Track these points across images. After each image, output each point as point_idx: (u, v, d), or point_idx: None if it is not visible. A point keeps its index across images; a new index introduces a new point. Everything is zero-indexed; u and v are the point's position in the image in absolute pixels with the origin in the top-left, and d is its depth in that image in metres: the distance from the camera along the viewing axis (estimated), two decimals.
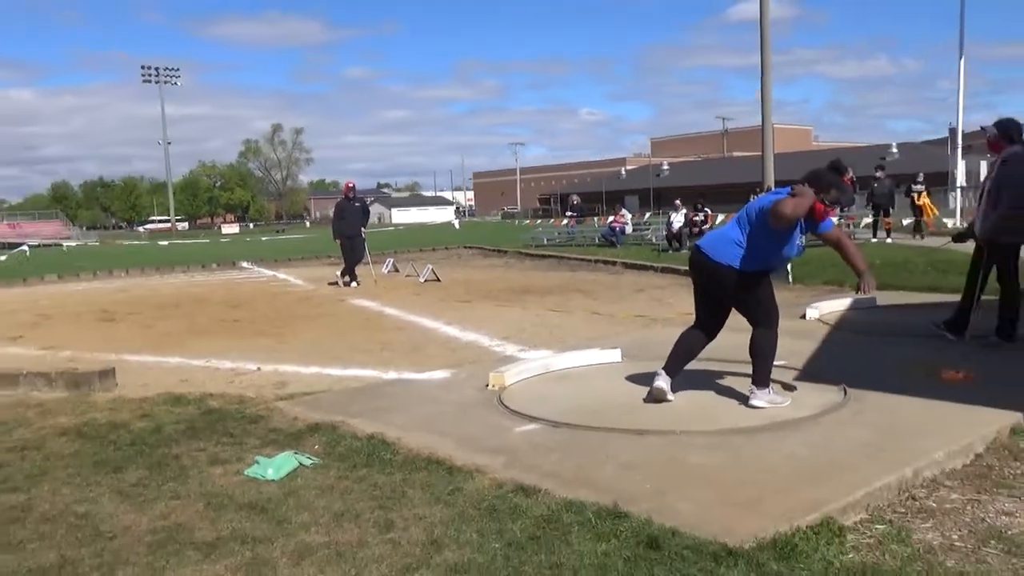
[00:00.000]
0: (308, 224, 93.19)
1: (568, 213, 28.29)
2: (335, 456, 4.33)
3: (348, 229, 14.87)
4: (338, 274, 15.24)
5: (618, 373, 5.91)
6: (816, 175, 4.79)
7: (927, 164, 29.65)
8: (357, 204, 15.27)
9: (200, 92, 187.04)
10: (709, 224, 19.97)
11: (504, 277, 16.10)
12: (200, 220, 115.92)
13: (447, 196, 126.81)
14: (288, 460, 4.19)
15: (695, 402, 5.09)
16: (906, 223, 20.63)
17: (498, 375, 5.73)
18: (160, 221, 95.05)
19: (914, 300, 9.25)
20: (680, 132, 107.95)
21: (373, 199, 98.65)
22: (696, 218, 20.28)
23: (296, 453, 4.31)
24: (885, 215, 19.38)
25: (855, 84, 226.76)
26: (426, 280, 15.18)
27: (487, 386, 5.68)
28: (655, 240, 22.15)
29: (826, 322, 7.94)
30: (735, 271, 4.80)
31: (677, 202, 21.37)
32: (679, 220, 20.32)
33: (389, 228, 60.77)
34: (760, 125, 18.15)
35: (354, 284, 14.68)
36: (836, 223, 5.29)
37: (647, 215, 30.13)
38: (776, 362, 5.02)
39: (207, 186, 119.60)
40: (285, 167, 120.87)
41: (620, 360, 6.34)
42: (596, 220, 27.71)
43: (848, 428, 4.42)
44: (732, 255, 4.80)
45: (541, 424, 4.76)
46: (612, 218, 24.03)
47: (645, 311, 10.02)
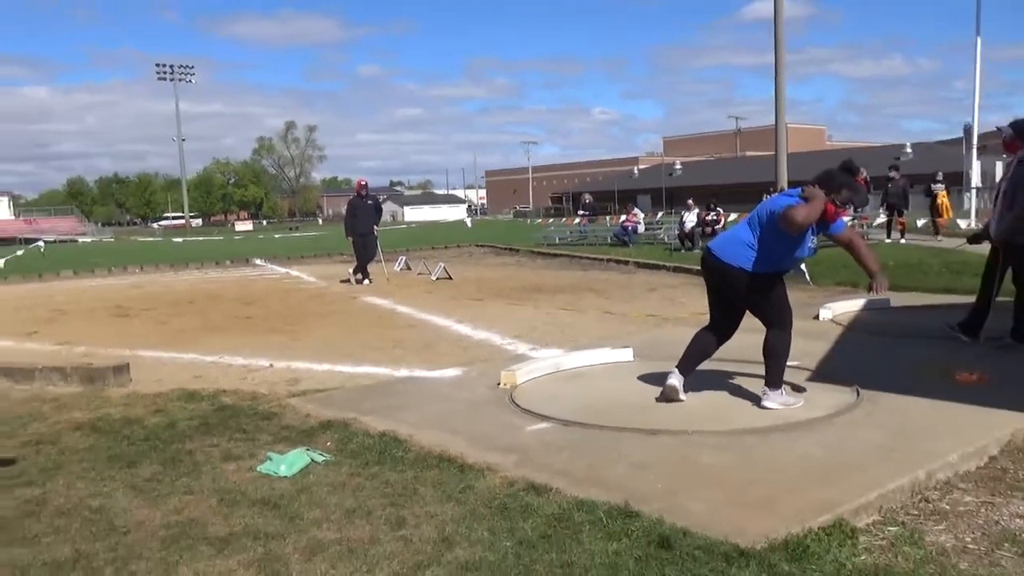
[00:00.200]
0: (321, 222, 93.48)
1: (580, 212, 28.26)
2: (347, 453, 4.35)
3: (361, 227, 14.91)
4: (350, 271, 15.28)
5: (630, 372, 5.90)
6: (828, 175, 4.77)
7: (942, 164, 29.43)
8: (370, 202, 15.30)
9: (214, 90, 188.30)
10: (722, 224, 19.90)
11: (516, 276, 16.10)
12: (214, 217, 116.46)
13: (459, 194, 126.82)
14: (300, 457, 4.21)
15: (707, 402, 5.08)
16: (921, 224, 20.46)
17: (509, 374, 5.73)
18: (174, 218, 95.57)
19: (928, 301, 9.19)
20: (693, 131, 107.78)
21: (386, 197, 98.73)
22: (708, 218, 20.21)
23: (308, 450, 4.33)
24: (899, 215, 19.26)
25: (869, 83, 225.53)
26: (438, 278, 15.20)
27: (498, 384, 5.69)
28: (667, 239, 22.11)
29: (839, 323, 7.91)
30: (747, 273, 4.78)
31: (690, 202, 21.31)
32: (691, 220, 20.27)
33: (402, 226, 60.85)
34: (773, 124, 18.10)
35: (366, 282, 14.72)
36: (849, 223, 5.26)
37: (659, 214, 30.06)
38: (789, 363, 5.00)
39: (221, 183, 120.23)
40: (298, 164, 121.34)
41: (632, 359, 6.33)
42: (608, 219, 27.64)
43: (861, 429, 4.40)
44: (744, 257, 4.78)
45: (552, 423, 4.76)
46: (624, 217, 23.98)
47: (657, 310, 10.00)
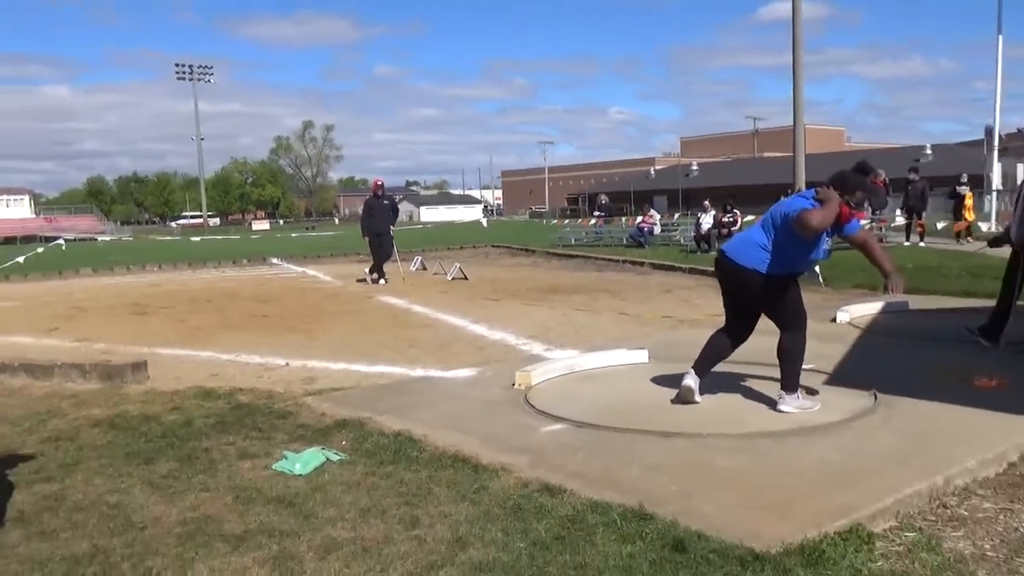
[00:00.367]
0: (337, 221, 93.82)
1: (596, 213, 28.18)
2: (362, 452, 4.37)
3: (377, 226, 14.94)
4: (367, 271, 15.32)
5: (645, 374, 5.89)
6: (841, 177, 4.75)
7: (962, 166, 29.14)
8: (386, 202, 15.32)
9: (232, 89, 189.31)
10: (738, 225, 19.80)
11: (531, 276, 16.09)
12: (231, 216, 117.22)
13: (475, 195, 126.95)
14: (316, 455, 4.23)
15: (722, 404, 5.06)
16: (941, 226, 20.24)
17: (524, 374, 5.73)
18: (192, 217, 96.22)
19: (948, 305, 9.11)
20: (710, 132, 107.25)
21: (402, 197, 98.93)
22: (725, 219, 20.13)
23: (324, 449, 4.35)
24: (918, 218, 19.09)
25: (889, 84, 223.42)
26: (453, 278, 15.22)
27: (513, 385, 5.69)
28: (683, 241, 22.03)
29: (857, 326, 7.85)
30: (761, 275, 4.77)
31: (706, 203, 21.22)
32: (708, 221, 20.19)
33: (418, 226, 61.02)
34: (791, 125, 18.00)
35: (382, 281, 14.76)
36: (867, 226, 5.25)
37: (676, 216, 29.96)
38: (805, 366, 4.98)
39: (239, 182, 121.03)
40: (315, 164, 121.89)
41: (647, 361, 6.32)
42: (624, 220, 27.56)
43: (878, 434, 4.37)
44: (758, 259, 4.77)
45: (567, 424, 4.76)
46: (640, 219, 23.91)
47: (672, 312, 9.97)
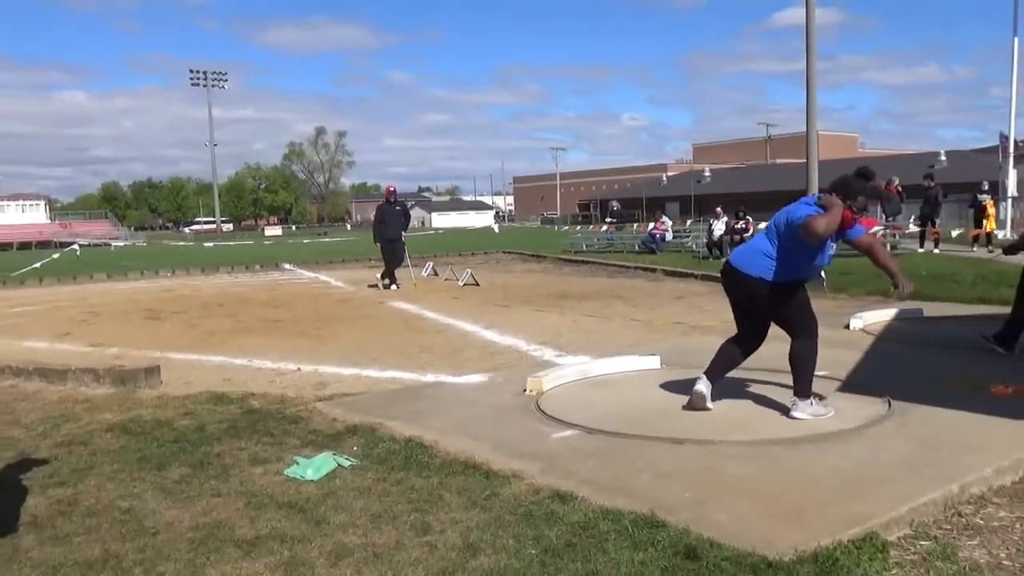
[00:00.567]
0: (349, 227, 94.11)
1: (608, 219, 28.17)
2: (373, 458, 4.37)
3: (389, 232, 14.98)
4: (378, 277, 15.36)
5: (656, 380, 5.87)
6: (843, 182, 4.79)
7: (977, 173, 28.95)
8: (398, 208, 15.37)
9: (246, 95, 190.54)
10: (750, 232, 19.72)
11: (543, 282, 16.08)
12: (244, 222, 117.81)
13: (487, 201, 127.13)
14: (327, 461, 4.23)
15: (734, 411, 5.04)
16: (955, 234, 20.09)
17: (536, 380, 5.72)
18: (206, 222, 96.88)
19: (962, 312, 9.04)
20: (723, 138, 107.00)
21: (414, 203, 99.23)
22: (737, 226, 20.07)
23: (335, 454, 4.35)
24: (932, 225, 18.97)
25: (903, 91, 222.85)
26: (465, 284, 15.23)
27: (525, 391, 5.68)
28: (695, 247, 21.98)
29: (870, 332, 7.81)
30: (767, 283, 4.77)
31: (718, 209, 21.18)
32: (720, 227, 20.14)
33: (429, 232, 61.14)
34: (805, 132, 17.95)
35: (394, 287, 14.78)
36: (881, 233, 5.26)
37: (688, 222, 29.88)
38: (818, 372, 4.95)
39: (252, 188, 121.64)
40: (327, 170, 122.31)
41: (659, 367, 6.30)
42: (636, 227, 27.53)
43: (892, 441, 4.34)
44: (764, 267, 4.78)
45: (578, 430, 4.74)
46: (652, 225, 23.88)
47: (684, 318, 9.93)
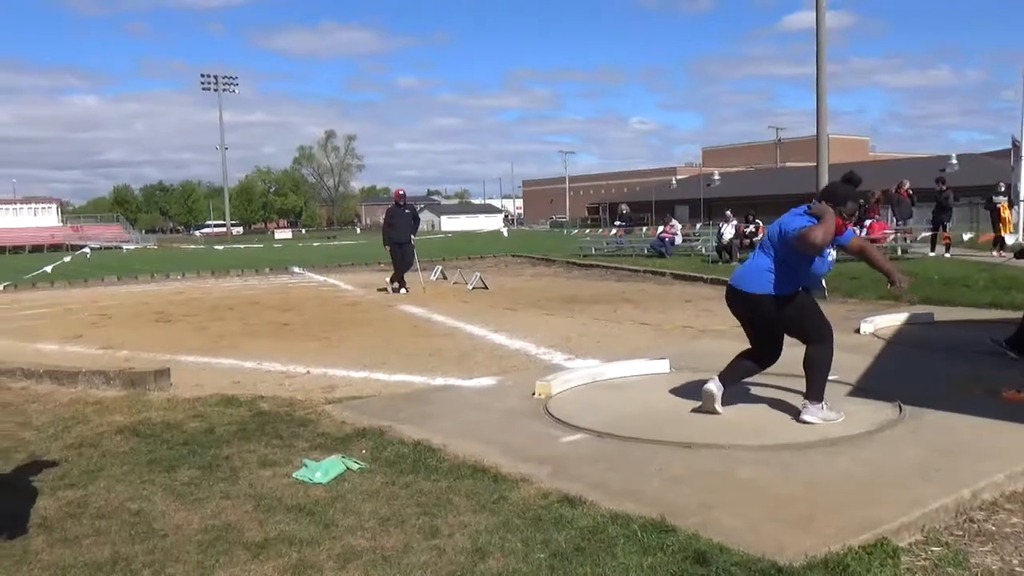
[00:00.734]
0: (359, 230, 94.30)
1: (617, 223, 28.13)
2: (382, 461, 4.37)
3: (398, 236, 14.99)
4: (387, 280, 15.38)
5: (666, 384, 5.85)
6: (832, 190, 4.87)
7: (988, 176, 28.82)
8: (407, 211, 15.39)
9: (256, 99, 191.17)
10: (760, 236, 19.68)
11: (552, 286, 16.07)
12: (254, 225, 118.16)
13: (496, 204, 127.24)
14: (336, 464, 4.23)
15: (745, 416, 5.02)
16: (967, 237, 19.96)
17: (545, 384, 5.72)
18: (216, 225, 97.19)
19: (974, 316, 8.99)
20: (732, 142, 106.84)
21: (423, 206, 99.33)
22: (747, 229, 20.02)
23: (344, 457, 4.35)
24: (943, 229, 18.86)
25: (914, 94, 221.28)
26: (474, 288, 15.23)
27: (534, 394, 5.67)
28: (705, 251, 21.93)
29: (881, 337, 7.77)
30: (772, 297, 4.79)
31: (728, 213, 21.12)
32: (730, 231, 20.09)
33: (439, 235, 61.26)
34: (815, 135, 17.91)
35: (403, 290, 14.79)
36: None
37: (697, 226, 29.83)
38: (829, 377, 4.92)
39: (262, 191, 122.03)
40: (337, 173, 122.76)
41: (668, 371, 6.28)
42: (645, 230, 27.48)
43: (903, 446, 4.31)
44: (765, 282, 4.80)
45: (587, 434, 4.73)
46: (662, 228, 23.83)
47: (693, 322, 9.91)
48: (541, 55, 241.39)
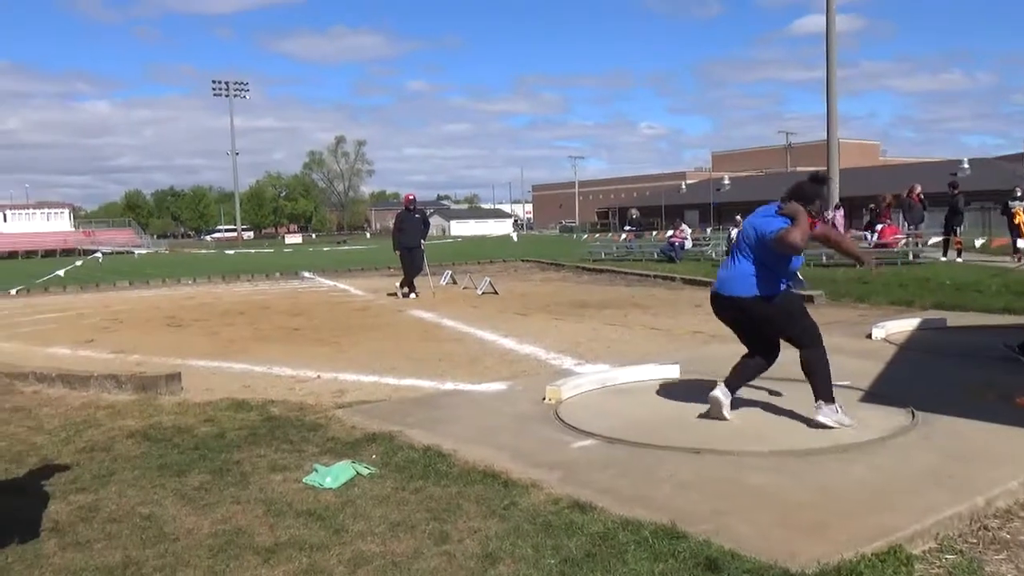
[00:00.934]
0: (368, 235, 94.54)
1: (627, 227, 28.10)
2: (392, 466, 4.37)
3: (408, 240, 15.00)
4: (397, 285, 15.40)
5: (675, 389, 5.84)
6: (800, 189, 4.97)
7: (1000, 180, 28.66)
8: (417, 216, 15.41)
9: (267, 105, 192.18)
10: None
11: (561, 291, 16.06)
12: (265, 230, 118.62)
13: (506, 209, 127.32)
14: (346, 469, 4.23)
15: (755, 421, 5.00)
16: (979, 243, 19.83)
17: (555, 389, 5.71)
18: (227, 230, 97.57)
19: (986, 322, 8.93)
20: (742, 146, 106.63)
21: (433, 211, 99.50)
22: None
23: (354, 462, 4.35)
24: (954, 233, 18.76)
25: (925, 98, 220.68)
26: (483, 292, 15.23)
27: (544, 399, 5.67)
28: (715, 256, 21.88)
29: (893, 342, 7.72)
30: (757, 299, 4.85)
31: (738, 217, 21.08)
32: None
33: (448, 240, 61.30)
34: (825, 139, 17.84)
35: (413, 295, 14.81)
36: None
37: (708, 230, 29.77)
38: (839, 382, 4.91)
39: (272, 196, 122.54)
40: (347, 178, 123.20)
41: (678, 376, 6.26)
42: (655, 235, 27.44)
43: (916, 453, 4.28)
44: (750, 285, 4.87)
45: (597, 439, 4.72)
46: (671, 233, 23.80)
47: (703, 327, 9.87)
48: (550, 60, 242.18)
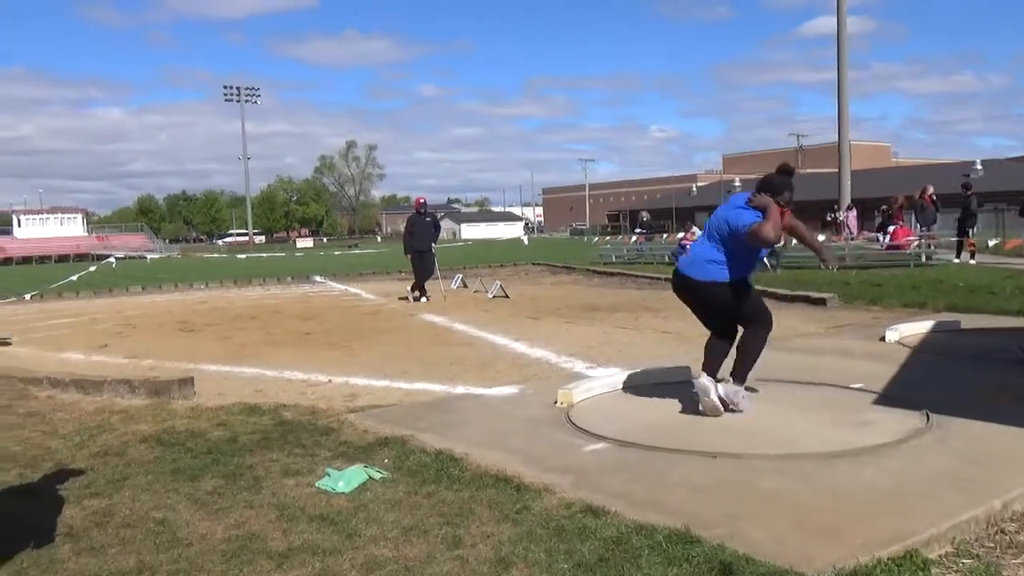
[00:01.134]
0: (379, 239, 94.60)
1: (637, 230, 28.06)
2: (404, 471, 4.37)
3: (419, 244, 15.03)
4: (408, 289, 15.42)
5: (688, 392, 5.80)
6: (769, 181, 5.12)
7: (1012, 181, 28.48)
8: (428, 219, 15.43)
9: (278, 109, 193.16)
10: (781, 243, 19.51)
11: (572, 294, 16.04)
12: (276, 234, 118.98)
13: (516, 212, 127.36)
14: (358, 473, 4.24)
15: (768, 424, 4.97)
16: (992, 244, 19.70)
17: (566, 392, 5.70)
18: (239, 234, 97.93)
19: (1001, 324, 8.87)
20: (753, 148, 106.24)
21: (443, 214, 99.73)
22: None
23: (366, 467, 4.36)
24: (967, 235, 18.63)
25: (936, 100, 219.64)
26: (494, 296, 15.22)
27: (555, 403, 5.66)
28: None
29: (906, 345, 7.67)
30: (721, 284, 5.05)
31: None
32: None
33: (459, 243, 61.35)
34: (836, 141, 17.77)
35: (424, 299, 14.82)
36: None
37: None
38: (853, 385, 4.89)
39: (283, 200, 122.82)
40: (358, 182, 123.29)
41: (689, 379, 6.23)
42: (665, 237, 27.38)
43: (931, 456, 4.25)
44: (714, 272, 5.05)
45: (610, 443, 4.71)
46: (682, 235, 23.72)
47: None
48: (560, 63, 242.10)
